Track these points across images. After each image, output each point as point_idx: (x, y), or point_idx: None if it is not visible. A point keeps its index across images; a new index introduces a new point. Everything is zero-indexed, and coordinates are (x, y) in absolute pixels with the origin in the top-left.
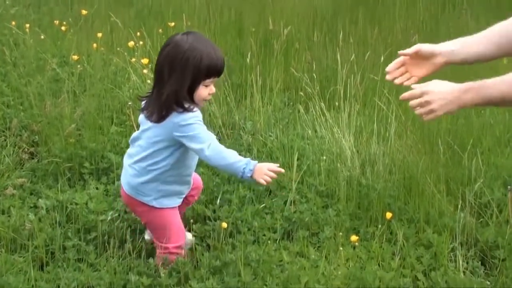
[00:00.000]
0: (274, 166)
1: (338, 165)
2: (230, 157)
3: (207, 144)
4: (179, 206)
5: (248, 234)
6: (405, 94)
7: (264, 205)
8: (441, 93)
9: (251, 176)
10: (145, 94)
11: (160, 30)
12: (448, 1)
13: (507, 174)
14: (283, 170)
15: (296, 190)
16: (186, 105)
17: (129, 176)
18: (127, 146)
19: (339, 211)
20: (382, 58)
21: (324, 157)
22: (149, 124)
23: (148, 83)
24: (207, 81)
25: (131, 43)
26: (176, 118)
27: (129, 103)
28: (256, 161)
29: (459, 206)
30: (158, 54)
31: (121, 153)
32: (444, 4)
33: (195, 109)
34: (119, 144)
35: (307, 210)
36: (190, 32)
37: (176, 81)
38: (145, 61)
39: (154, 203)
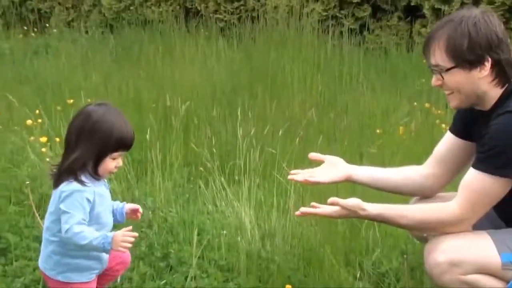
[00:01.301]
0: (127, 232)
1: (239, 238)
2: (85, 238)
3: (65, 228)
4: (101, 280)
5: None
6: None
7: (165, 281)
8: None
9: (112, 248)
10: (56, 163)
11: (59, 108)
12: (345, 74)
13: (404, 243)
14: (136, 234)
15: (196, 265)
16: (81, 177)
17: (41, 250)
18: (26, 226)
19: (240, 285)
20: (281, 132)
21: (224, 232)
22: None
23: (47, 161)
24: (115, 154)
25: (29, 121)
26: (63, 187)
27: (27, 182)
28: (112, 233)
29: (358, 276)
30: (69, 124)
31: (19, 233)
32: (341, 77)
33: (88, 183)
34: (18, 224)
35: (207, 285)
36: (102, 103)
37: (81, 150)
38: (43, 139)
39: (59, 277)
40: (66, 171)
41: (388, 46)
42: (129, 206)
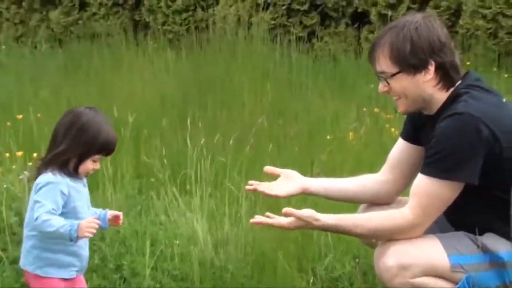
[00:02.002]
0: (92, 219)
1: (191, 248)
2: (52, 226)
3: (38, 214)
4: None
5: None
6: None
7: None
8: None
9: (78, 236)
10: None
11: (8, 123)
12: (295, 83)
13: (356, 248)
14: (99, 222)
15: (150, 276)
16: (60, 171)
17: (22, 246)
18: None
19: None
20: (231, 141)
21: (177, 241)
22: None
23: None
24: (96, 156)
25: None
26: (39, 179)
27: None
28: (78, 221)
29: (311, 281)
30: (57, 122)
31: None
32: (290, 85)
33: (64, 177)
34: None
35: None
36: (92, 107)
37: (66, 147)
38: None
39: (38, 272)
40: (46, 164)
41: (336, 53)
42: (111, 213)
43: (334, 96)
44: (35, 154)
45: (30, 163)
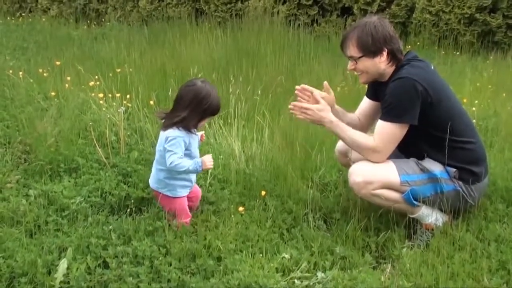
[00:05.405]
0: (210, 157)
1: (231, 161)
2: (183, 166)
3: (169, 161)
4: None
5: None
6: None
7: None
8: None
9: (203, 169)
10: (164, 111)
11: (110, 74)
12: (302, 53)
13: (339, 165)
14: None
15: (203, 178)
16: (183, 128)
17: (152, 175)
18: (89, 153)
19: (232, 191)
20: (259, 91)
21: (221, 156)
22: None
23: (103, 110)
24: (208, 118)
25: (91, 83)
26: (169, 133)
27: (90, 123)
28: (201, 159)
29: (309, 185)
30: (181, 89)
31: (85, 157)
32: (298, 55)
33: (182, 131)
34: (84, 151)
35: (210, 191)
36: (205, 81)
37: (189, 113)
38: (101, 95)
39: (169, 193)
40: (175, 123)
41: (330, 35)
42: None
43: (328, 63)
44: (128, 96)
45: (125, 102)
